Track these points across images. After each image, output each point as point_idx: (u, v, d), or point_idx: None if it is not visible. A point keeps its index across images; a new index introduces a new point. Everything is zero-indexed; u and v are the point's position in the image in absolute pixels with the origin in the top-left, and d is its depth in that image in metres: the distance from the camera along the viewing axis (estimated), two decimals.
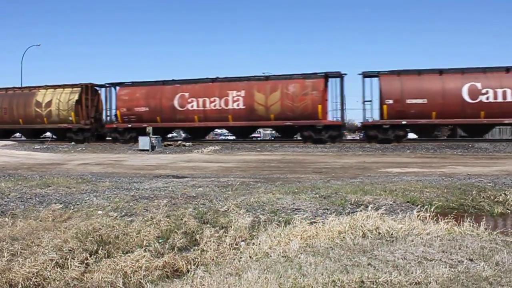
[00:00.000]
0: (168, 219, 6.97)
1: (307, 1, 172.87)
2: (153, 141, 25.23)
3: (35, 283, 4.96)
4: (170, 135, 34.24)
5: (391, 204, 8.11)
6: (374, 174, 12.71)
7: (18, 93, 32.87)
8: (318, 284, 3.89)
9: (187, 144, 26.99)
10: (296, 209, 7.76)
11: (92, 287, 4.90)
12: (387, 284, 3.84)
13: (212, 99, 27.47)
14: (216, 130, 38.92)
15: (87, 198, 8.89)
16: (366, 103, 25.94)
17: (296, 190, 9.34)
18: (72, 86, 31.15)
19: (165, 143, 27.57)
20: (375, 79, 25.88)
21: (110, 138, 30.82)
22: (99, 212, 7.65)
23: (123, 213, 7.60)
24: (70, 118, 30.41)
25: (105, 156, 21.71)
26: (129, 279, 5.05)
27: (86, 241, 5.94)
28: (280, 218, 7.13)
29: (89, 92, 30.89)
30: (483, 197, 8.72)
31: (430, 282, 3.83)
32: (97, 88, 31.94)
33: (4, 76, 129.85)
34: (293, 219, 6.79)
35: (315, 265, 4.44)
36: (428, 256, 4.58)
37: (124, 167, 16.42)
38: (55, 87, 31.53)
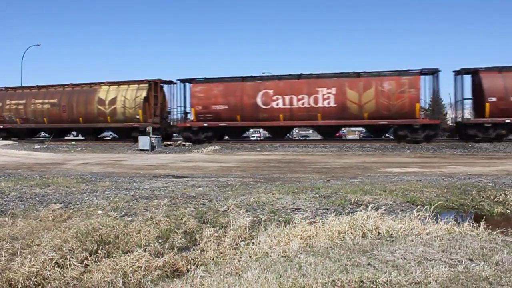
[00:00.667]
0: (168, 219, 6.97)
1: (310, 2, 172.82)
2: (153, 141, 25.23)
3: (35, 282, 4.96)
4: (245, 135, 33.36)
5: (391, 204, 8.11)
6: (374, 174, 12.71)
7: (78, 90, 31.04)
8: (318, 284, 3.89)
9: (187, 144, 26.99)
10: (296, 209, 7.76)
11: (92, 287, 4.89)
12: (387, 284, 3.84)
13: (299, 96, 26.05)
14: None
15: (87, 198, 8.89)
16: (464, 101, 25.40)
17: (296, 190, 9.34)
18: (139, 82, 29.61)
19: (165, 142, 27.56)
20: (467, 76, 25.44)
21: (173, 138, 29.88)
22: (99, 211, 7.65)
23: (123, 213, 7.60)
24: (138, 117, 28.83)
25: (105, 156, 21.70)
26: (129, 278, 5.05)
27: (86, 240, 5.93)
28: (280, 218, 7.13)
29: (157, 89, 29.49)
30: (483, 197, 8.72)
31: (430, 282, 3.83)
32: (162, 84, 30.40)
33: (4, 76, 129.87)
34: (293, 219, 6.79)
35: (315, 265, 4.43)
36: (427, 256, 4.57)
37: (124, 167, 16.41)
38: (118, 83, 30.06)
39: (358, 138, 44.87)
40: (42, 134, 36.64)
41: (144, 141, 25.01)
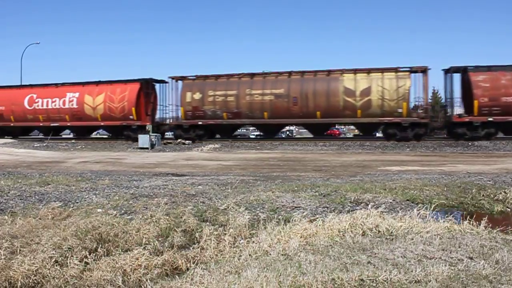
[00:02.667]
0: (167, 217, 6.96)
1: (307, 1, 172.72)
2: (152, 139, 25.22)
3: (34, 281, 4.95)
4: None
5: (390, 202, 8.11)
6: (374, 172, 12.71)
7: (310, 78, 25.89)
8: (318, 282, 3.89)
9: (186, 142, 26.97)
10: (295, 207, 7.75)
11: (92, 285, 4.88)
12: (387, 283, 3.83)
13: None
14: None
15: (87, 196, 8.89)
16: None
17: (296, 188, 9.34)
18: (396, 70, 24.94)
19: (165, 141, 27.57)
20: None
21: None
22: (99, 210, 7.64)
23: (123, 211, 7.59)
24: (400, 110, 24.42)
25: (104, 154, 21.70)
26: (129, 277, 5.04)
27: (86, 239, 5.92)
28: (280, 216, 7.13)
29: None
30: (483, 195, 8.71)
31: (430, 281, 3.82)
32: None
33: (3, 74, 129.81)
34: (292, 217, 6.78)
35: (314, 263, 4.43)
36: (428, 254, 4.57)
37: (124, 165, 16.41)
38: (371, 70, 25.25)
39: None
40: (242, 131, 33.88)
41: (143, 139, 25.00)
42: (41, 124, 32.33)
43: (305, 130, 33.54)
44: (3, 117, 32.67)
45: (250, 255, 5.28)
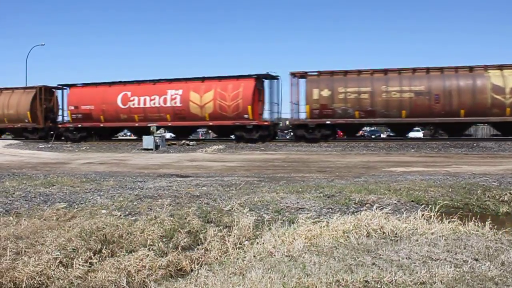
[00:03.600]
0: (172, 218, 6.97)
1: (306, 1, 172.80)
2: (157, 140, 25.25)
3: (39, 282, 4.97)
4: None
5: (395, 203, 8.09)
6: (378, 173, 12.68)
7: (451, 75, 24.05)
8: (322, 283, 3.88)
9: (191, 143, 26.99)
10: (300, 208, 7.74)
11: (96, 286, 4.90)
12: (392, 284, 3.82)
13: None
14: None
15: (91, 197, 8.91)
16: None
17: (300, 189, 9.32)
18: None
19: (169, 142, 27.56)
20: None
21: None
22: (103, 211, 7.65)
23: (127, 212, 7.60)
24: None
25: (109, 155, 21.75)
26: (133, 278, 5.05)
27: (90, 240, 5.94)
28: (284, 218, 7.12)
29: None
30: (488, 196, 8.68)
31: (435, 282, 3.81)
32: None
33: (8, 75, 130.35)
34: (297, 218, 6.78)
35: (319, 265, 4.42)
36: (433, 255, 4.55)
37: (128, 166, 16.44)
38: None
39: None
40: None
41: (148, 141, 25.04)
42: (136, 125, 29.47)
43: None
44: (91, 117, 29.90)
45: (254, 256, 5.28)
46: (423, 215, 6.56)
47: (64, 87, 32.71)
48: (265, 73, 27.37)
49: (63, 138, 31.22)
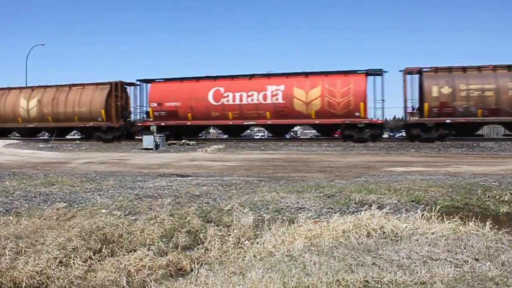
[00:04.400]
0: (172, 218, 6.96)
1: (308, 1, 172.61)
2: (157, 140, 25.23)
3: (39, 281, 4.96)
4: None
5: (395, 203, 8.08)
6: (379, 173, 12.67)
7: None
8: (323, 283, 3.87)
9: (191, 143, 26.96)
10: (300, 208, 7.74)
11: (96, 286, 4.89)
12: (392, 284, 3.81)
13: None
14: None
15: (91, 197, 8.90)
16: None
17: (300, 189, 9.32)
18: None
19: (169, 141, 27.49)
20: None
21: None
22: (103, 210, 7.65)
23: (127, 212, 7.60)
24: None
25: (109, 155, 21.74)
26: (133, 278, 5.04)
27: (90, 239, 5.93)
28: (284, 217, 7.12)
29: None
30: (489, 196, 8.68)
31: (435, 282, 3.80)
32: None
33: (9, 76, 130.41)
34: (297, 218, 6.77)
35: (319, 265, 4.42)
36: (433, 255, 4.55)
37: (128, 166, 16.43)
38: None
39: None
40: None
41: (148, 140, 25.02)
42: (230, 123, 27.33)
43: (309, 131, 33.02)
44: (177, 114, 27.74)
45: (254, 256, 5.28)
46: (423, 215, 6.55)
47: (137, 83, 30.34)
48: (374, 69, 25.73)
49: (138, 137, 29.14)
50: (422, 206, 7.54)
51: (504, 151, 20.33)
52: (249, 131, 40.64)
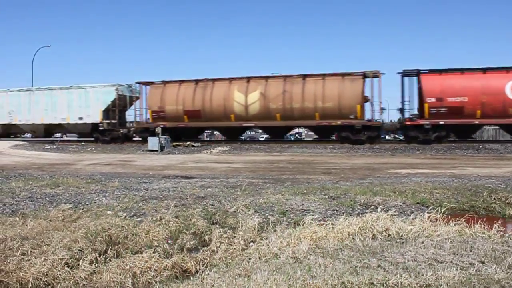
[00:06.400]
0: (177, 220, 6.98)
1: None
2: (162, 142, 25.28)
3: (45, 282, 4.99)
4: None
5: (400, 205, 8.06)
6: (384, 175, 12.65)
7: None
8: (328, 285, 3.87)
9: (195, 144, 26.99)
10: (305, 210, 7.74)
11: (101, 287, 4.91)
12: (397, 286, 3.81)
13: None
14: None
15: (97, 198, 8.93)
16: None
17: (305, 191, 9.32)
18: None
19: (174, 143, 27.53)
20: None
21: None
22: (108, 212, 7.68)
23: (132, 213, 7.62)
24: None
25: (114, 156, 21.80)
26: (138, 279, 5.06)
27: (96, 241, 5.96)
28: (289, 219, 7.12)
29: None
30: (494, 198, 8.63)
31: (441, 285, 3.79)
32: None
33: (15, 78, 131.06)
34: (302, 220, 6.77)
35: (324, 267, 4.41)
36: (438, 258, 4.53)
37: (134, 167, 16.48)
38: None
39: None
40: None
41: (153, 142, 25.07)
42: None
43: (312, 133, 32.69)
44: (462, 112, 23.22)
45: (259, 258, 5.28)
46: (428, 217, 6.53)
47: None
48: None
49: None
50: (428, 208, 7.51)
51: (510, 153, 20.21)
52: (249, 132, 40.27)
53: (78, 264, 5.29)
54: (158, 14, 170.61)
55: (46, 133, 31.50)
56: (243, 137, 31.06)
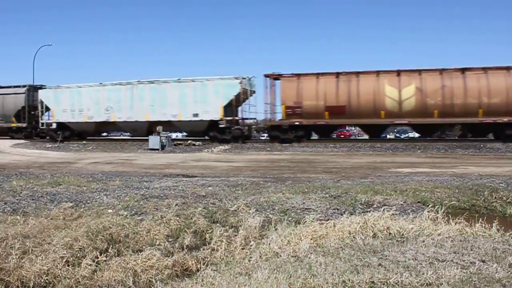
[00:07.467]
0: (178, 218, 6.99)
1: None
2: (163, 140, 25.28)
3: (46, 280, 4.99)
4: None
5: (401, 204, 8.06)
6: (385, 174, 12.64)
7: None
8: (328, 284, 3.87)
9: (196, 143, 26.98)
10: (306, 209, 7.74)
11: (102, 286, 4.91)
12: (398, 285, 3.81)
13: None
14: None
15: (98, 197, 8.94)
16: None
17: (306, 190, 9.32)
18: None
19: (175, 142, 27.53)
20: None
21: None
22: (110, 210, 7.68)
23: (133, 212, 7.63)
24: None
25: (115, 155, 21.81)
26: (139, 278, 5.06)
27: (97, 239, 5.96)
28: (290, 218, 7.12)
29: None
30: (495, 197, 8.63)
31: (442, 284, 3.79)
32: None
33: (16, 76, 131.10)
34: (303, 219, 6.77)
35: (325, 265, 4.41)
36: (439, 257, 4.53)
37: (134, 166, 16.48)
38: None
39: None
40: None
41: (154, 141, 25.06)
42: None
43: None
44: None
45: (260, 256, 5.28)
46: (429, 216, 6.53)
47: None
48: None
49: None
50: (429, 207, 7.50)
51: (511, 152, 20.19)
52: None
53: (79, 263, 5.29)
54: (157, 15, 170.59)
55: (148, 132, 26.89)
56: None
